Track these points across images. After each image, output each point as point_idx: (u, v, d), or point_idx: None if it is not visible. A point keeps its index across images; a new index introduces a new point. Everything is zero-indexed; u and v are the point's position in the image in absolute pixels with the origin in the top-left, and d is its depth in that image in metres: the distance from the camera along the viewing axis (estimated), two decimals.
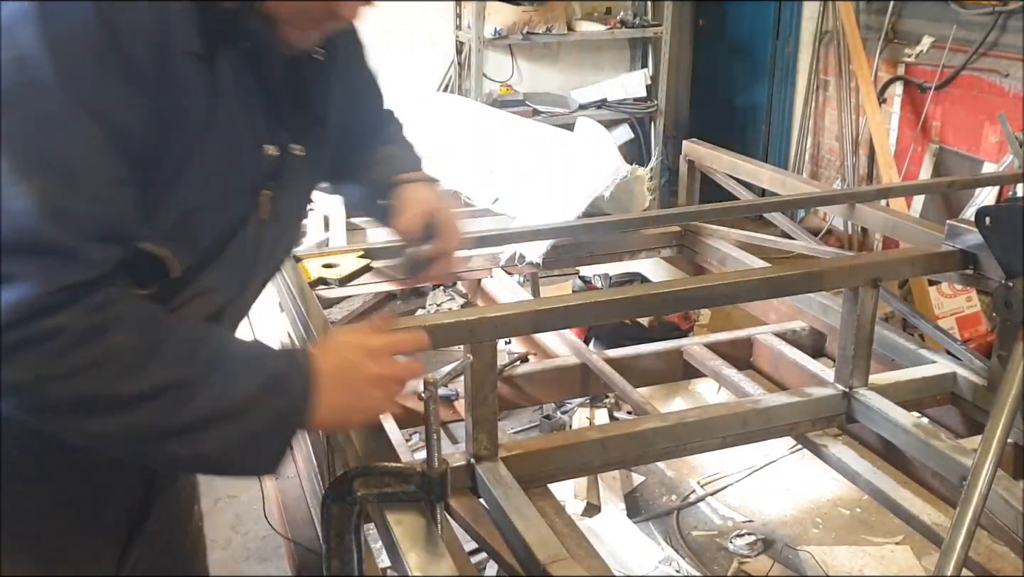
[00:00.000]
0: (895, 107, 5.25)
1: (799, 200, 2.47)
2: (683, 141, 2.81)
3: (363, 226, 2.53)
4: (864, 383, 1.74)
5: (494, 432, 1.50)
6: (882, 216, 2.17)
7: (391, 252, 2.05)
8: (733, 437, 1.70)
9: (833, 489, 3.32)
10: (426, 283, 2.70)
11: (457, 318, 1.44)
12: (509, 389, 1.98)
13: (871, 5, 5.35)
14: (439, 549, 0.90)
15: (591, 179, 2.20)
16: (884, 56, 5.25)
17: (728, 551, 3.00)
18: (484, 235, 2.17)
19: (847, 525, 3.16)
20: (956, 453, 1.54)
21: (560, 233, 2.13)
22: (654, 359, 2.11)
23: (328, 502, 0.98)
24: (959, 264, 1.81)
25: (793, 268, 1.72)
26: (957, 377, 1.81)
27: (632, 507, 3.23)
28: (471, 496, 1.49)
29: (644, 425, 1.65)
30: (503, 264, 2.32)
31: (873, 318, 1.71)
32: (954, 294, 4.22)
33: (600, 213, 2.25)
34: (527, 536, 1.30)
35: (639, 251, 2.53)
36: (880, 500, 1.61)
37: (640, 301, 1.59)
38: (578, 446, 1.59)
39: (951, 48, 4.76)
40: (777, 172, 2.55)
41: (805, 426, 1.74)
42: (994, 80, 4.58)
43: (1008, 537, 1.42)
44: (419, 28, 5.38)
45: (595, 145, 2.29)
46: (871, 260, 1.82)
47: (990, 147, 4.63)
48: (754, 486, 3.37)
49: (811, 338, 2.19)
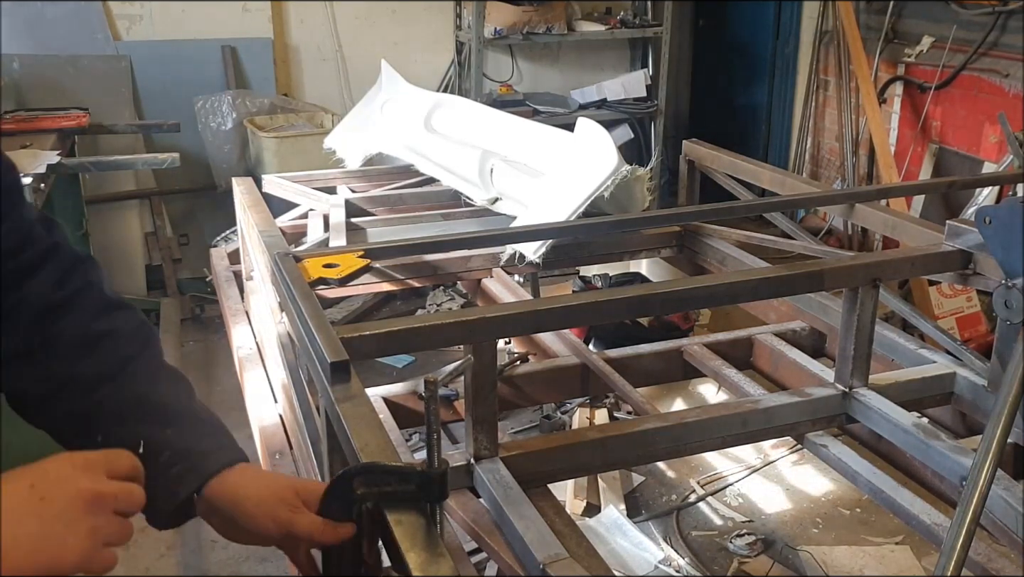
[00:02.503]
0: (895, 107, 5.25)
1: (799, 200, 2.47)
2: (683, 141, 2.81)
3: (363, 226, 2.53)
4: (864, 383, 1.74)
5: (494, 432, 1.50)
6: (882, 216, 2.17)
7: (391, 252, 2.05)
8: (733, 437, 1.70)
9: (833, 489, 3.32)
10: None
11: (457, 318, 1.44)
12: (509, 389, 1.98)
13: (871, 5, 5.35)
14: (439, 549, 0.90)
15: (591, 179, 2.20)
16: (884, 56, 5.25)
17: (728, 551, 3.00)
18: (484, 235, 2.17)
19: (847, 525, 3.16)
20: (956, 453, 1.54)
21: (560, 233, 2.13)
22: (654, 359, 2.11)
23: (328, 501, 0.98)
24: (959, 264, 1.81)
25: (793, 268, 1.72)
26: (957, 377, 1.81)
27: (632, 507, 3.23)
28: (471, 496, 1.49)
29: (644, 425, 1.65)
30: (503, 264, 2.32)
31: (873, 318, 1.72)
32: (954, 294, 4.22)
33: (600, 213, 2.25)
34: (527, 536, 1.30)
35: (639, 251, 2.53)
36: (880, 500, 1.61)
37: (640, 301, 1.59)
38: (578, 446, 1.60)
39: (951, 48, 4.76)
40: (777, 172, 2.55)
41: (805, 426, 1.74)
42: (994, 80, 4.58)
43: (1008, 537, 1.42)
44: (419, 28, 5.39)
45: (595, 145, 2.28)
46: (871, 260, 1.82)
47: (990, 147, 4.63)
48: (754, 486, 3.37)
49: (811, 338, 2.19)
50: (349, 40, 5.27)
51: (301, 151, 4.34)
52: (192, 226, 5.19)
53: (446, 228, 2.49)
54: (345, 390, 1.23)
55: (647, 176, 2.27)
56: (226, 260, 2.98)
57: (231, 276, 2.82)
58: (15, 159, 3.45)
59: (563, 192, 2.26)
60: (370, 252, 1.94)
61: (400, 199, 2.81)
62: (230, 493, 0.99)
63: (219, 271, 2.92)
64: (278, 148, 4.47)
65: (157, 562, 3.05)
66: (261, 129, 4.62)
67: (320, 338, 1.33)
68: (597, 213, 2.25)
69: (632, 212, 2.28)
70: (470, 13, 5.10)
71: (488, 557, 1.48)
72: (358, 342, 1.39)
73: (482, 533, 1.40)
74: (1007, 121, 3.83)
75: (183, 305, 4.90)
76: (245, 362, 2.31)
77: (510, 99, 5.31)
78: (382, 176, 3.02)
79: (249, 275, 2.59)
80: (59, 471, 0.76)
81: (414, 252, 2.12)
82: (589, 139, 2.31)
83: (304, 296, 1.56)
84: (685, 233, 2.47)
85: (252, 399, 2.16)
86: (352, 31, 5.27)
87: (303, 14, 5.19)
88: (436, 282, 3.80)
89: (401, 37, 5.35)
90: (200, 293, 4.92)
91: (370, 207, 2.75)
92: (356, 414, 1.17)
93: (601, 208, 2.25)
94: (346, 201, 2.67)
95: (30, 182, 3.14)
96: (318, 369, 1.33)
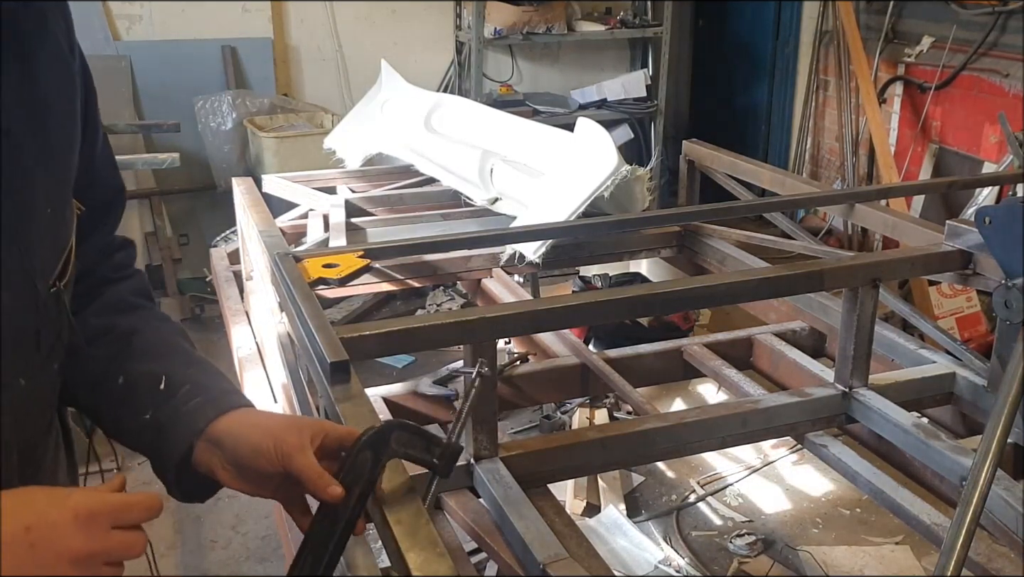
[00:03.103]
0: (895, 107, 5.25)
1: (799, 200, 2.47)
2: (683, 141, 2.81)
3: (363, 226, 2.53)
4: (864, 383, 1.74)
5: (494, 432, 1.50)
6: (882, 216, 2.17)
7: (391, 252, 2.05)
8: (733, 437, 1.70)
9: (833, 489, 3.32)
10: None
11: (457, 318, 1.44)
12: (509, 389, 1.98)
13: (871, 5, 5.35)
14: (439, 549, 0.90)
15: (591, 179, 2.20)
16: (884, 56, 5.25)
17: (728, 551, 3.01)
18: (484, 235, 2.17)
19: (847, 525, 3.16)
20: (956, 453, 1.54)
21: (560, 233, 2.13)
22: (654, 359, 2.11)
23: (363, 447, 0.97)
24: (959, 264, 1.81)
25: (793, 268, 1.72)
26: (957, 377, 1.81)
27: (632, 507, 3.23)
28: (471, 496, 1.49)
29: (644, 425, 1.65)
30: (503, 264, 2.32)
31: (873, 318, 1.72)
32: (954, 294, 4.23)
33: (600, 213, 2.25)
34: (526, 536, 1.30)
35: (639, 251, 2.53)
36: (880, 500, 1.61)
37: (640, 301, 1.59)
38: (578, 446, 1.60)
39: (951, 48, 4.76)
40: (777, 172, 2.55)
41: (805, 426, 1.74)
42: (994, 80, 4.58)
43: (1008, 537, 1.42)
44: (419, 28, 5.39)
45: (595, 145, 2.28)
46: (871, 260, 1.82)
47: (990, 147, 4.63)
48: (754, 486, 3.37)
49: (811, 338, 2.19)
50: (349, 40, 5.27)
51: (301, 151, 4.34)
52: (192, 226, 5.19)
53: (446, 228, 2.49)
54: (345, 390, 1.23)
55: (647, 176, 2.27)
56: (226, 260, 2.98)
57: (231, 276, 2.82)
58: None
59: (563, 192, 2.25)
60: (370, 252, 1.94)
61: (400, 199, 2.81)
62: (238, 425, 0.99)
63: (219, 271, 2.92)
64: (278, 148, 4.47)
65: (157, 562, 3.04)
66: (261, 129, 4.63)
67: (320, 338, 1.33)
68: (597, 213, 2.25)
69: (632, 212, 2.28)
70: (470, 13, 5.10)
71: (488, 557, 1.48)
72: (358, 342, 1.39)
73: (482, 533, 1.40)
74: (1007, 121, 3.83)
75: (183, 305, 4.91)
76: (245, 362, 2.31)
77: (510, 99, 5.31)
78: (382, 176, 3.02)
79: (249, 275, 2.59)
80: (58, 519, 0.76)
81: (414, 252, 2.12)
82: (589, 139, 2.31)
83: (304, 296, 1.56)
84: (685, 233, 2.47)
85: (252, 399, 2.15)
86: (352, 31, 5.27)
87: (303, 14, 5.19)
88: (436, 282, 3.80)
89: (401, 37, 5.35)
90: (200, 293, 4.92)
91: (370, 207, 2.75)
92: (356, 414, 1.17)
93: (601, 208, 2.25)
94: (346, 201, 2.67)
95: None
96: (318, 369, 1.33)
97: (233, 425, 0.99)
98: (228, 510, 3.28)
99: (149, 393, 1.02)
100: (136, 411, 1.01)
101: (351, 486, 0.95)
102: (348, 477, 0.95)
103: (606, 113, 5.46)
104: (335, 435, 0.99)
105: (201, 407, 1.00)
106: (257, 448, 0.96)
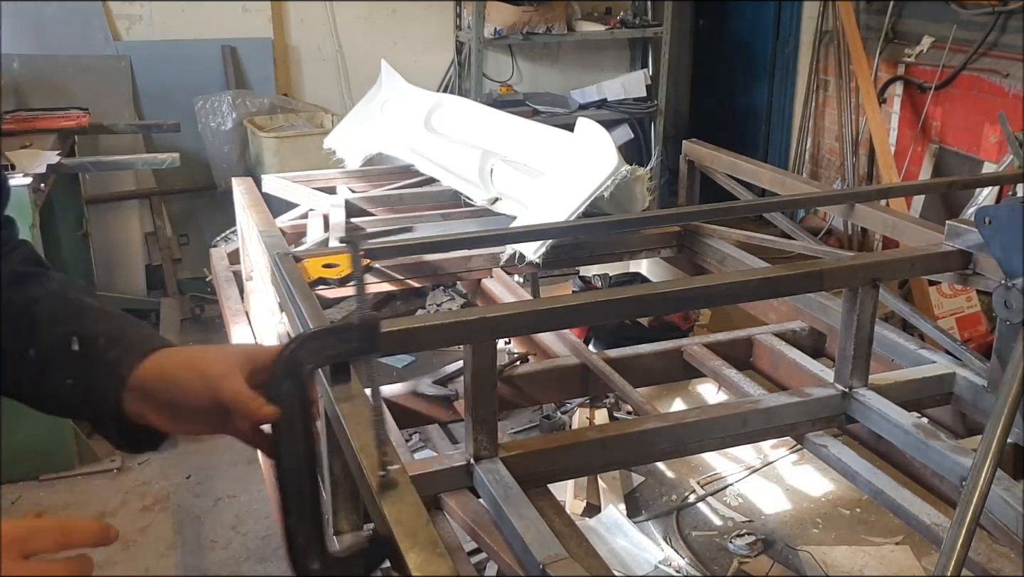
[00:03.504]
0: (895, 107, 5.25)
1: (799, 200, 2.47)
2: (683, 141, 2.81)
3: (363, 226, 2.53)
4: (864, 383, 1.74)
5: (494, 432, 1.50)
6: (882, 216, 2.17)
7: (391, 252, 2.05)
8: (733, 437, 1.70)
9: (833, 489, 3.32)
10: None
11: (457, 318, 1.44)
12: (509, 389, 1.98)
13: (871, 5, 5.35)
14: (439, 549, 0.90)
15: (591, 179, 2.20)
16: (884, 56, 5.25)
17: (728, 551, 3.01)
18: (484, 235, 2.17)
19: (847, 525, 3.16)
20: (956, 453, 1.54)
21: (560, 233, 2.13)
22: (654, 359, 2.11)
23: (279, 381, 0.92)
24: (959, 264, 1.81)
25: (793, 268, 1.71)
26: (957, 377, 1.81)
27: (632, 507, 3.23)
28: (471, 496, 1.49)
29: (644, 425, 1.65)
30: (503, 264, 2.32)
31: (873, 318, 1.71)
32: (954, 294, 4.23)
33: (600, 213, 2.25)
34: (526, 536, 1.30)
35: (639, 251, 2.53)
36: (880, 500, 1.61)
37: (640, 301, 1.59)
38: (578, 446, 1.59)
39: (951, 48, 4.76)
40: (777, 172, 2.55)
41: (805, 426, 1.74)
42: (994, 80, 4.58)
43: (1008, 537, 1.42)
44: (419, 28, 5.39)
45: (595, 145, 2.28)
46: (871, 260, 1.82)
47: (990, 147, 4.63)
48: (754, 486, 3.37)
49: (811, 338, 2.19)
50: (349, 40, 5.27)
51: (301, 151, 4.34)
52: (192, 226, 5.19)
53: (446, 228, 2.49)
54: (345, 390, 1.23)
55: (647, 176, 2.27)
56: (226, 260, 2.98)
57: (231, 276, 2.82)
58: (15, 159, 3.45)
59: (563, 192, 2.25)
60: (370, 252, 1.94)
61: (400, 199, 2.81)
62: (161, 367, 0.96)
63: (219, 271, 2.92)
64: (278, 148, 4.47)
65: (157, 562, 3.05)
66: (261, 129, 4.63)
67: None
68: (597, 213, 2.25)
69: (632, 212, 2.28)
70: (470, 13, 5.10)
71: (488, 557, 1.48)
72: None
73: (482, 533, 1.40)
74: (1007, 121, 3.83)
75: (183, 305, 4.91)
76: None
77: (510, 99, 5.31)
78: (382, 176, 3.02)
79: (249, 275, 2.59)
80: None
81: (414, 252, 2.12)
82: (589, 139, 2.31)
83: (304, 296, 1.56)
84: (685, 233, 2.47)
85: None
86: (352, 31, 5.27)
87: (303, 14, 5.19)
88: (436, 282, 3.80)
89: (401, 37, 5.35)
90: (200, 293, 4.92)
91: (370, 207, 2.75)
92: (356, 414, 1.17)
93: (601, 208, 2.25)
94: (346, 201, 2.67)
95: (30, 182, 3.14)
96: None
97: (156, 367, 0.96)
98: (228, 510, 3.28)
99: (65, 358, 0.98)
100: (57, 379, 0.98)
101: (290, 420, 0.93)
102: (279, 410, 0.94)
103: (606, 113, 5.46)
104: (264, 359, 0.96)
105: (119, 358, 0.97)
106: (184, 385, 0.93)
